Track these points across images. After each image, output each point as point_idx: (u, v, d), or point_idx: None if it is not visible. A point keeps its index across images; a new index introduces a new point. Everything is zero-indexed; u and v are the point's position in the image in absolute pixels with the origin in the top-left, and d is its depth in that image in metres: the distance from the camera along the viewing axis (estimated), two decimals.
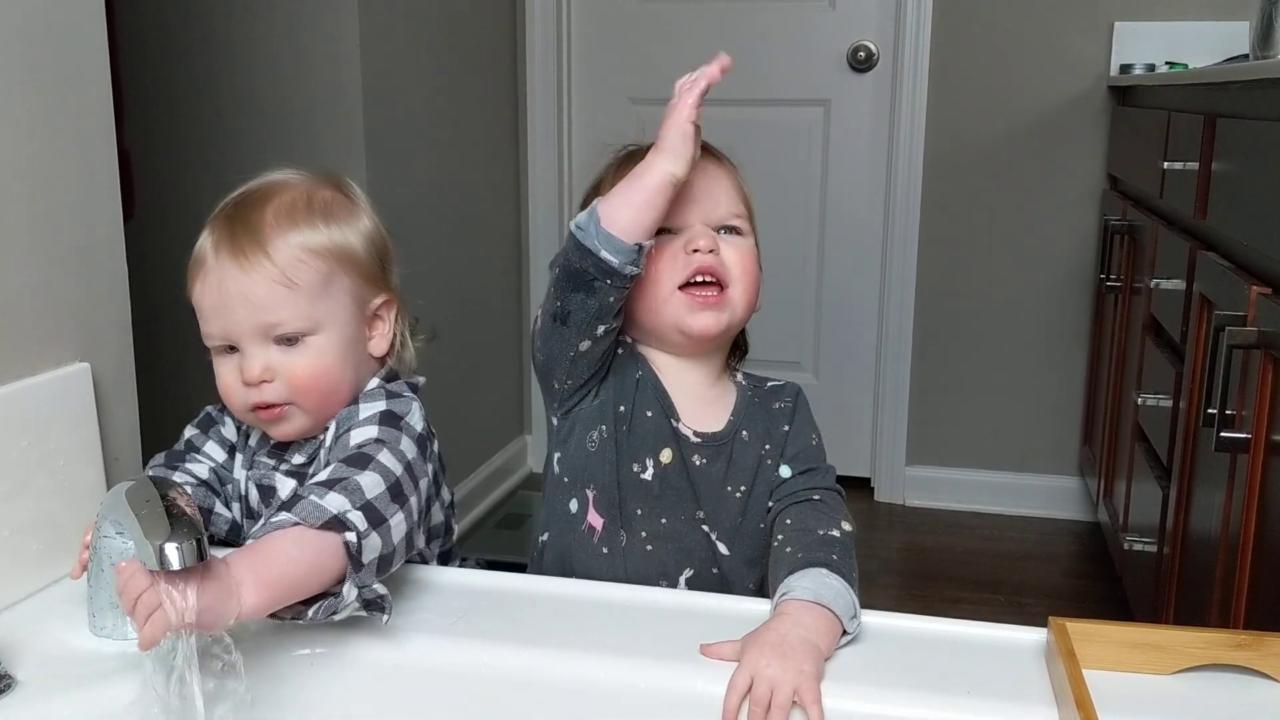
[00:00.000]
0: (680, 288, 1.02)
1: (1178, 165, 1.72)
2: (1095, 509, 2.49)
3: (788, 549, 0.95)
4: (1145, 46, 2.55)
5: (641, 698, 0.84)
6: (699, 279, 1.02)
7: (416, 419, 1.00)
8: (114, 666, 0.86)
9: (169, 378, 2.28)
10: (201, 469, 1.06)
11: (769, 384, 1.11)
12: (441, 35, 2.53)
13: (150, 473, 1.05)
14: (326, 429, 1.01)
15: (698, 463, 1.03)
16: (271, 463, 1.05)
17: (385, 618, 0.90)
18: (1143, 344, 1.97)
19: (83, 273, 1.06)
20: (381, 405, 1.00)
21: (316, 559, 0.84)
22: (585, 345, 0.99)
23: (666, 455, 1.02)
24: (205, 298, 0.98)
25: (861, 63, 2.79)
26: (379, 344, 1.04)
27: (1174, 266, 1.72)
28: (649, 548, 1.02)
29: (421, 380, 1.07)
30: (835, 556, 0.93)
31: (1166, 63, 2.49)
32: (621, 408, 1.03)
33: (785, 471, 1.05)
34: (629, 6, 2.92)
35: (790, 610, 0.87)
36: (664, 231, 1.01)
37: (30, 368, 0.99)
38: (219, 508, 1.05)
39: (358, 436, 0.97)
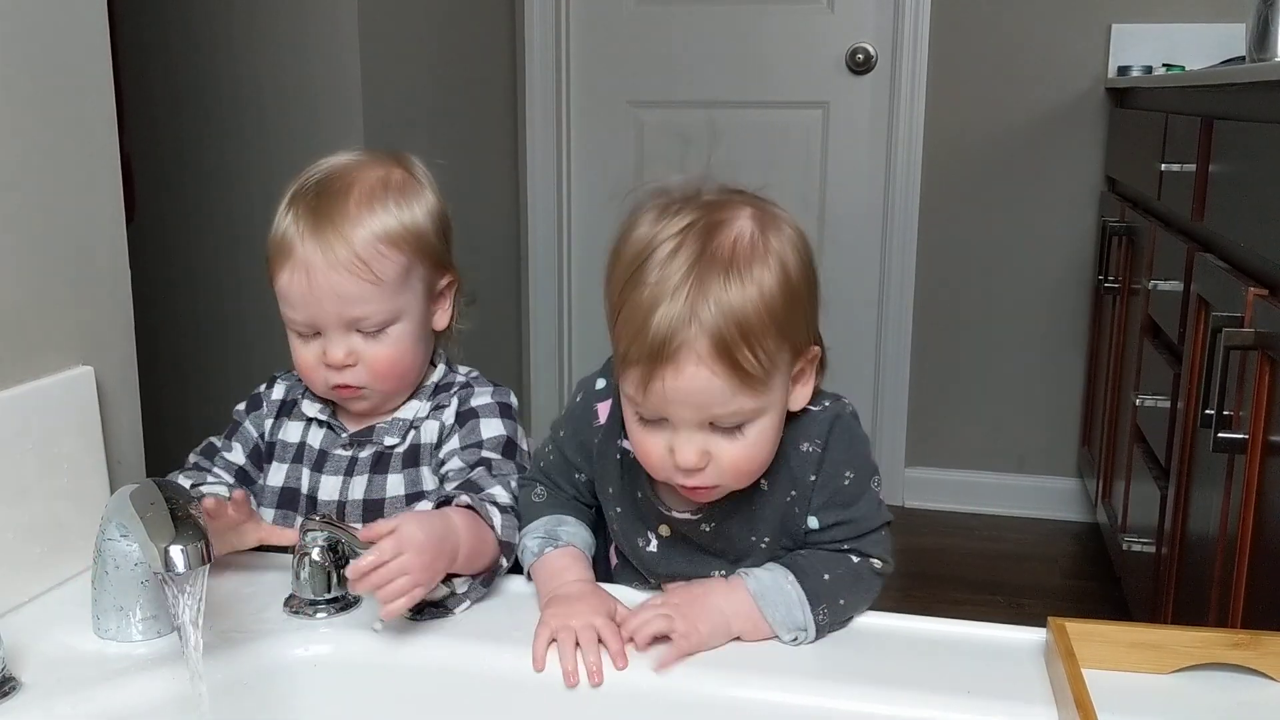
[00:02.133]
0: None
1: (1175, 167, 1.73)
2: (1094, 510, 2.50)
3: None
4: (1142, 48, 2.56)
5: (642, 698, 0.85)
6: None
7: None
8: (118, 669, 0.86)
9: (171, 380, 2.28)
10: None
11: (801, 419, 0.95)
12: (440, 38, 2.54)
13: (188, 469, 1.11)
14: (402, 404, 1.10)
15: (706, 529, 0.95)
16: (351, 448, 1.10)
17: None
18: (1141, 345, 1.97)
19: (85, 276, 1.06)
20: (490, 393, 1.11)
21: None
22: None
23: (665, 530, 0.98)
24: (293, 287, 1.02)
25: (860, 65, 2.79)
26: (441, 319, 1.11)
27: (1171, 268, 1.73)
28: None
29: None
30: (827, 576, 0.90)
31: (1163, 65, 2.49)
32: (611, 489, 1.00)
33: (813, 523, 0.94)
34: (627, 9, 2.92)
35: (734, 586, 0.90)
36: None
37: (33, 371, 0.99)
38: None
39: (489, 430, 1.08)
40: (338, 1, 2.14)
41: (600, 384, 1.01)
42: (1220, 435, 1.27)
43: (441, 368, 1.13)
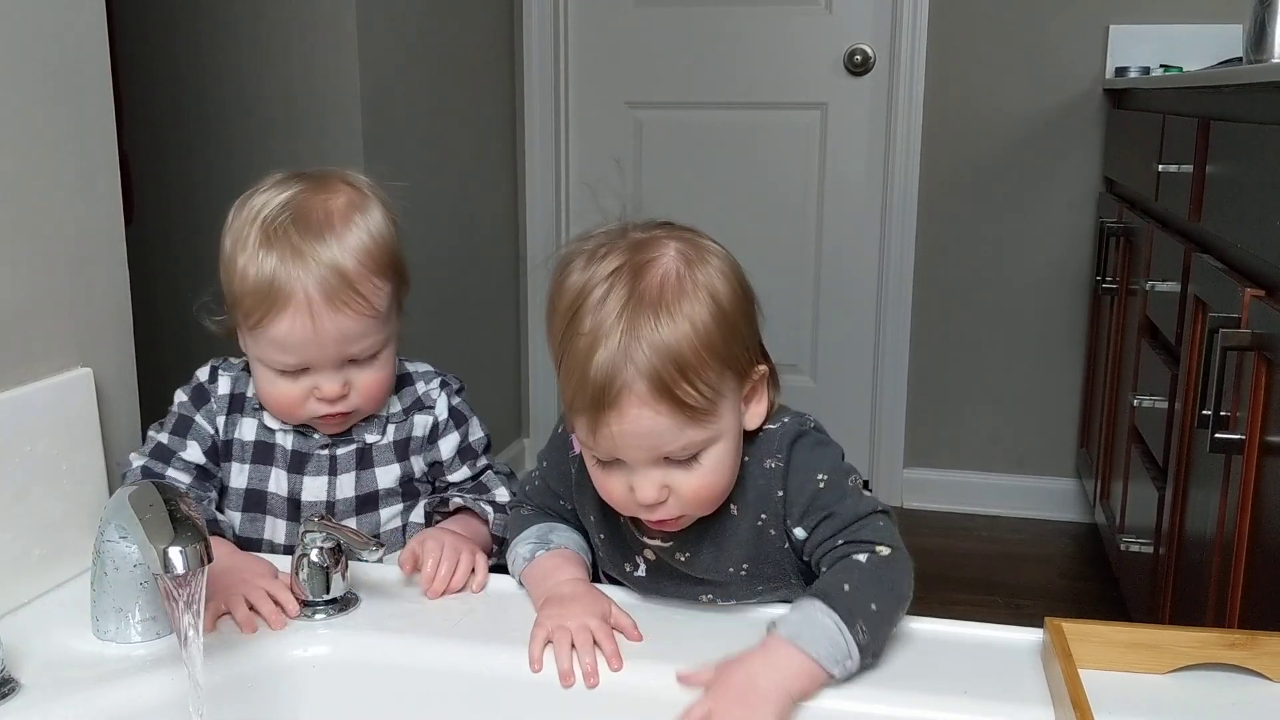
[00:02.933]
0: None
1: (1172, 168, 1.73)
2: (1092, 510, 2.50)
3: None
4: (1140, 50, 2.56)
5: (639, 700, 0.85)
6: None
7: None
8: (117, 670, 0.86)
9: (169, 381, 2.28)
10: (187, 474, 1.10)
11: (759, 437, 0.94)
12: (440, 41, 2.54)
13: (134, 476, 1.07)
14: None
15: (681, 558, 0.95)
16: (329, 446, 1.11)
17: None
18: (1138, 346, 1.98)
19: (84, 278, 1.06)
20: (457, 391, 1.16)
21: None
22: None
23: (650, 554, 0.97)
24: (294, 334, 1.01)
25: (858, 66, 2.80)
26: (397, 324, 1.11)
27: (1169, 269, 1.73)
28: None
29: None
30: (847, 586, 0.85)
31: (1161, 66, 2.50)
32: (592, 517, 0.99)
33: (800, 533, 0.93)
34: (626, 11, 2.93)
35: (771, 646, 0.83)
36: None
37: (32, 373, 0.99)
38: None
39: (475, 433, 1.15)
40: (336, 3, 2.14)
41: None
42: (1217, 436, 1.27)
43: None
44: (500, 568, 1.04)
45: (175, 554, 0.75)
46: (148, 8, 2.20)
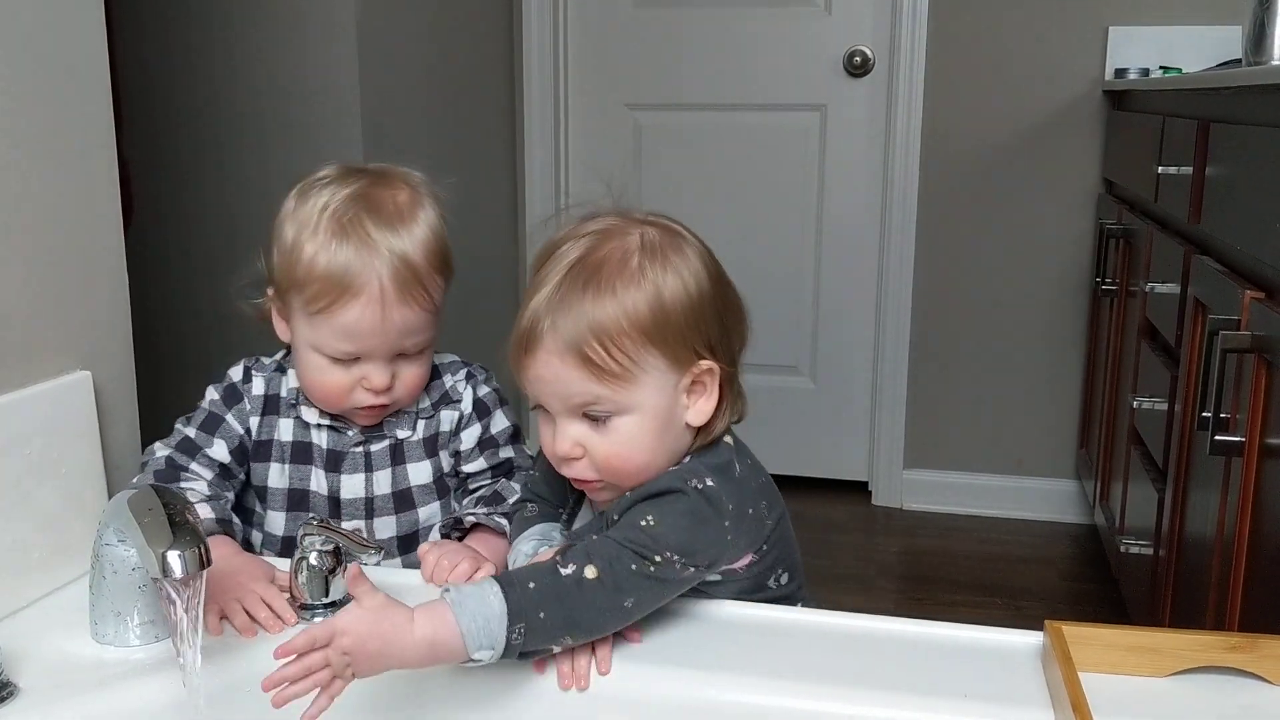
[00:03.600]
0: None
1: (1172, 170, 1.73)
2: (1092, 512, 2.50)
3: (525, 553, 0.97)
4: (1139, 51, 2.56)
5: (637, 703, 0.85)
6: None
7: None
8: (116, 674, 0.86)
9: (168, 385, 2.28)
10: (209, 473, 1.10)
11: (703, 455, 0.97)
12: (438, 43, 2.54)
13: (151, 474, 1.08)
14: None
15: None
16: (363, 444, 1.12)
17: None
18: (1138, 347, 1.98)
19: (83, 281, 1.06)
20: (484, 380, 1.19)
21: None
22: None
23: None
24: (363, 323, 1.04)
25: (857, 68, 2.80)
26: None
27: (1168, 270, 1.73)
28: None
29: None
30: (533, 585, 0.83)
31: (1160, 67, 2.50)
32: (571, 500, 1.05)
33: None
34: (625, 12, 2.93)
35: (435, 603, 0.81)
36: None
37: (31, 376, 0.99)
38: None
39: (499, 423, 1.17)
40: (336, 4, 2.14)
41: None
42: (1217, 438, 1.27)
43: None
44: None
45: (174, 557, 0.75)
46: (146, 10, 2.21)
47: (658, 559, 0.86)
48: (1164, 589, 1.68)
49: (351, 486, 1.10)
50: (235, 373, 1.13)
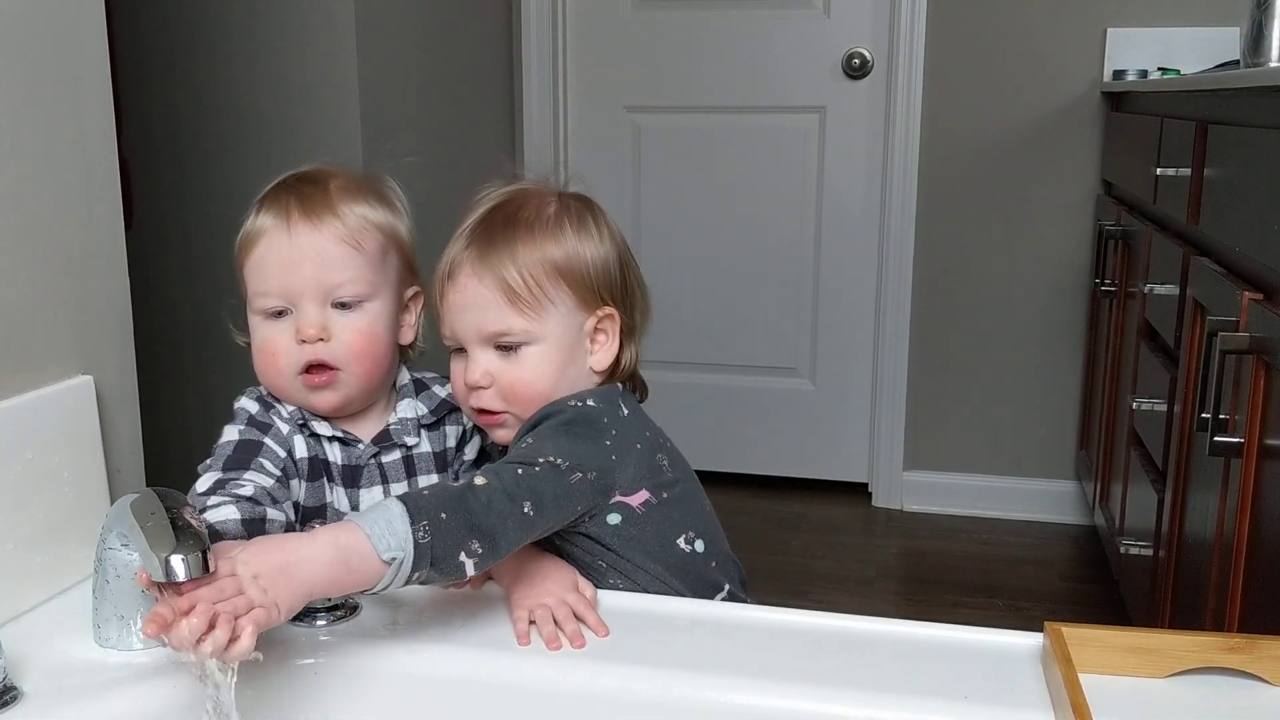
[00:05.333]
0: None
1: (1170, 171, 1.73)
2: (1092, 513, 2.50)
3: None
4: (1138, 53, 2.56)
5: (641, 704, 0.85)
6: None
7: None
8: (119, 678, 0.86)
9: (170, 388, 2.28)
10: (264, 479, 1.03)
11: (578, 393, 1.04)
12: (437, 44, 2.54)
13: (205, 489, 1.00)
14: (389, 403, 1.11)
15: None
16: (375, 456, 1.09)
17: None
18: (1137, 348, 1.98)
19: (84, 285, 1.06)
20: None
21: None
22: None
23: None
24: (270, 255, 1.02)
25: (856, 70, 2.80)
26: (407, 333, 1.11)
27: (1167, 272, 1.74)
28: None
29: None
30: (427, 493, 0.88)
31: (1159, 69, 2.50)
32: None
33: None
34: (624, 14, 2.93)
35: (341, 522, 0.87)
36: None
37: (33, 381, 0.99)
38: (272, 513, 1.00)
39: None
40: (335, 7, 2.14)
41: None
42: (1216, 439, 1.27)
43: (404, 369, 1.13)
44: None
45: (177, 561, 0.75)
46: (146, 11, 2.21)
47: (540, 461, 0.93)
48: (1164, 590, 1.68)
49: (371, 500, 1.08)
50: (250, 405, 1.07)
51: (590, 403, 1.00)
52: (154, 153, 2.24)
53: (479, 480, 0.89)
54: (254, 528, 0.95)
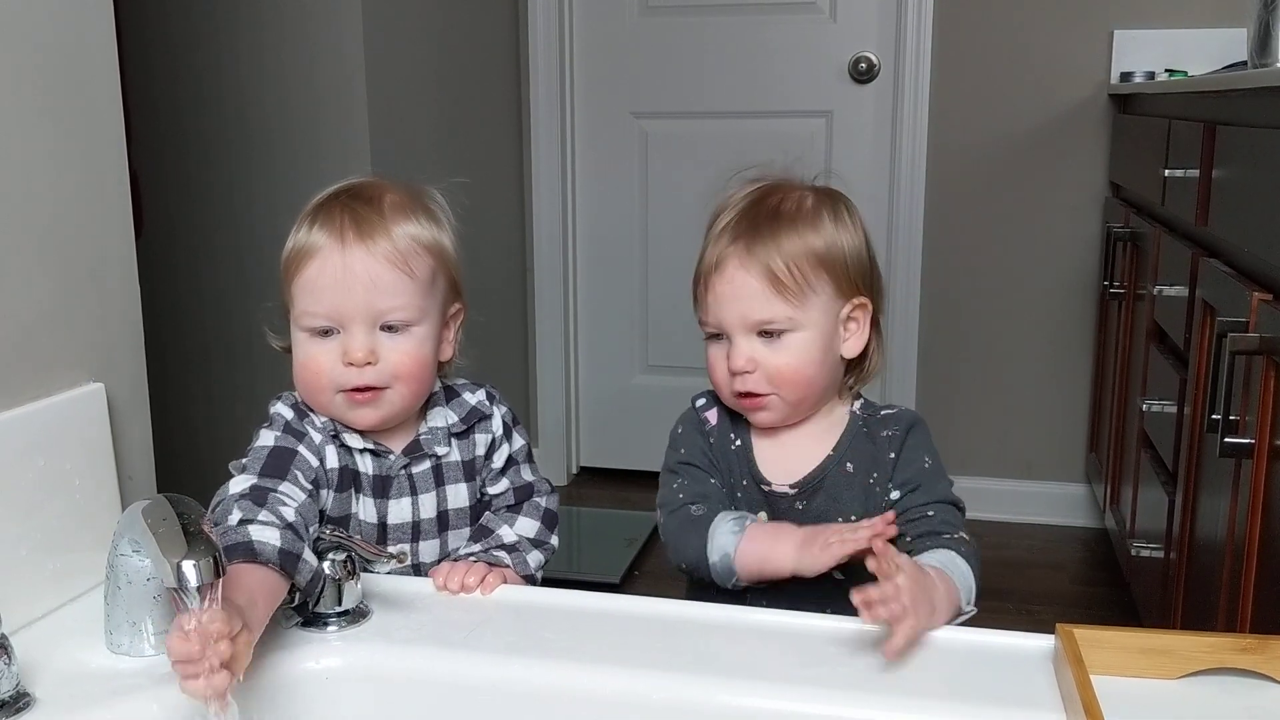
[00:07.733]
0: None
1: (1179, 172, 1.73)
2: (1102, 515, 2.50)
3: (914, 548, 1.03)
4: (1145, 54, 2.56)
5: (651, 708, 0.85)
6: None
7: None
8: (131, 684, 0.87)
9: (181, 395, 2.29)
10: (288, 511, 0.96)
11: (882, 412, 1.13)
12: (444, 52, 2.55)
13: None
14: (424, 413, 1.11)
15: (799, 507, 1.09)
16: (406, 467, 1.09)
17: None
18: (1147, 350, 1.97)
19: (95, 294, 1.07)
20: (499, 398, 1.17)
21: None
22: None
23: (764, 516, 1.08)
24: (323, 276, 1.02)
25: (863, 74, 2.80)
26: (447, 349, 1.11)
27: (1176, 273, 1.73)
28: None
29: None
30: (963, 549, 1.01)
31: (1166, 70, 2.50)
32: (723, 486, 1.11)
33: (895, 494, 1.09)
34: (631, 20, 2.94)
35: (936, 575, 0.94)
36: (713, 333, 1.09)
37: (44, 389, 1.00)
38: (307, 554, 0.94)
39: (517, 442, 1.16)
40: (342, 15, 2.15)
41: (700, 401, 1.15)
42: (1227, 440, 1.27)
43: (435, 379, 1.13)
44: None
45: (189, 567, 0.75)
46: (155, 21, 2.22)
47: (958, 499, 1.11)
48: (1175, 592, 1.68)
49: (399, 512, 1.08)
50: (284, 412, 1.06)
51: (937, 459, 1.12)
52: (163, 162, 2.24)
53: (965, 536, 1.04)
54: (288, 562, 0.89)
